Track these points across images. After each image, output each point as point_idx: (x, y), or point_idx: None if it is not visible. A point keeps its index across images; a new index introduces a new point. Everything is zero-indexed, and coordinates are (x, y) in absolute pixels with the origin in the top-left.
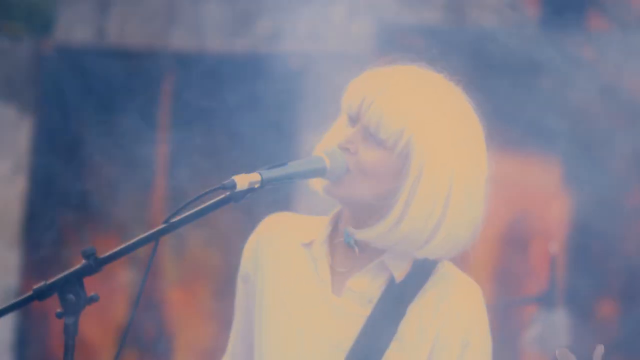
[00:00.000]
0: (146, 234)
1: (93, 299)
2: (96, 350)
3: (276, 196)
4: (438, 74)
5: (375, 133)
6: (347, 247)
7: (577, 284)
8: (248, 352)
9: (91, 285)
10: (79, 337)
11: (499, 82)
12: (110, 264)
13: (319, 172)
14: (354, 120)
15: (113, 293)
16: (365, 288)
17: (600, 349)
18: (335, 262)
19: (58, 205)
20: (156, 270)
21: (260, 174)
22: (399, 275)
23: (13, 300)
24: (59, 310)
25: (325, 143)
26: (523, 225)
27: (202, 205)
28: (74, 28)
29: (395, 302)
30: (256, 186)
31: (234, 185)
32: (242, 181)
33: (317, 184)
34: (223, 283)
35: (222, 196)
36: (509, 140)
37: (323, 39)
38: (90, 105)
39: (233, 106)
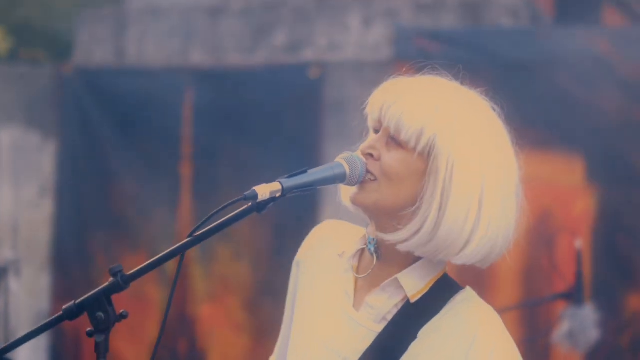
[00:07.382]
0: (171, 248)
1: (122, 316)
2: None
3: (302, 209)
4: (461, 85)
5: (395, 134)
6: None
7: (604, 278)
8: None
9: (126, 305)
10: (115, 355)
11: (517, 81)
12: (144, 283)
13: (339, 178)
14: (377, 129)
15: (146, 311)
16: (382, 305)
17: None
18: (360, 270)
19: (85, 227)
20: (187, 287)
21: (280, 183)
22: (413, 295)
23: (44, 322)
24: (89, 328)
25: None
26: (548, 222)
27: (225, 217)
28: (93, 50)
29: (408, 323)
30: (277, 195)
31: (255, 196)
32: (263, 191)
33: (346, 200)
34: (253, 296)
35: (244, 207)
36: (530, 138)
37: (340, 48)
38: (112, 125)
39: (253, 118)
